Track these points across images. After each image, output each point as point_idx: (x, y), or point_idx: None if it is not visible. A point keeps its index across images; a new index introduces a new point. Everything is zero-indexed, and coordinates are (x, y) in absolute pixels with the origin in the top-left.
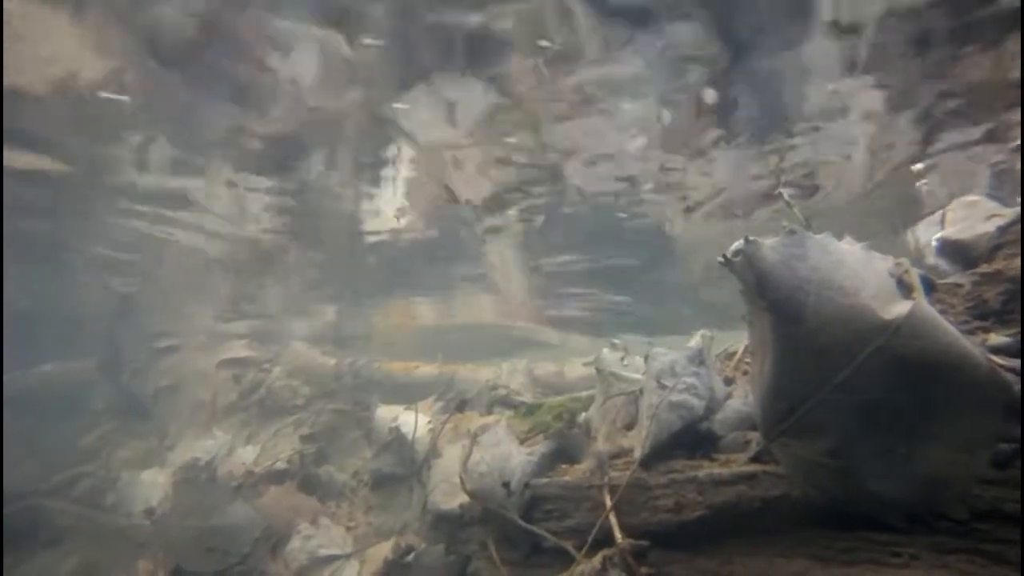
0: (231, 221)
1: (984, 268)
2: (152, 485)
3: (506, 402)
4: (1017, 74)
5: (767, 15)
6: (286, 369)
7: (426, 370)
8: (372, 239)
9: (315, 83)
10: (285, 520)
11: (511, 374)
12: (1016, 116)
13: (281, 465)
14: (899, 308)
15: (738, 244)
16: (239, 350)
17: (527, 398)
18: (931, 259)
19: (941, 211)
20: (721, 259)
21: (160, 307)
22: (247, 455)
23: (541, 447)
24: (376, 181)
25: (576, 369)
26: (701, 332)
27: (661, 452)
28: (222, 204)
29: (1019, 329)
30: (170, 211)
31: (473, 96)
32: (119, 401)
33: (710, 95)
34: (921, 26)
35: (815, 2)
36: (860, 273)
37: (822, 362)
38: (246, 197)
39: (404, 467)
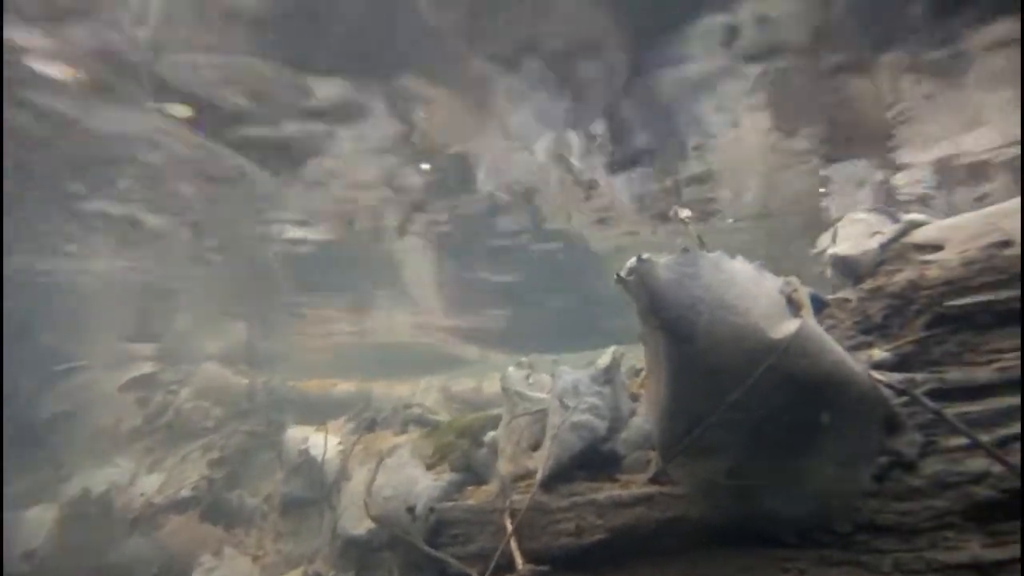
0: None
1: (869, 284)
2: (38, 523)
3: (420, 420)
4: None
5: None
6: (196, 390)
7: (343, 388)
8: (282, 250)
9: None
10: (187, 552)
11: (426, 391)
12: (894, 142)
13: (186, 493)
14: (788, 327)
15: (632, 262)
16: (145, 370)
17: (441, 416)
18: (828, 273)
19: (833, 227)
20: (615, 277)
21: (59, 327)
22: (151, 483)
23: (448, 474)
24: (287, 197)
25: (495, 385)
26: (613, 348)
27: (562, 474)
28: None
29: (898, 344)
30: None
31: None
32: (9, 429)
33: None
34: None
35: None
36: (752, 292)
37: (715, 382)
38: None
39: (314, 491)
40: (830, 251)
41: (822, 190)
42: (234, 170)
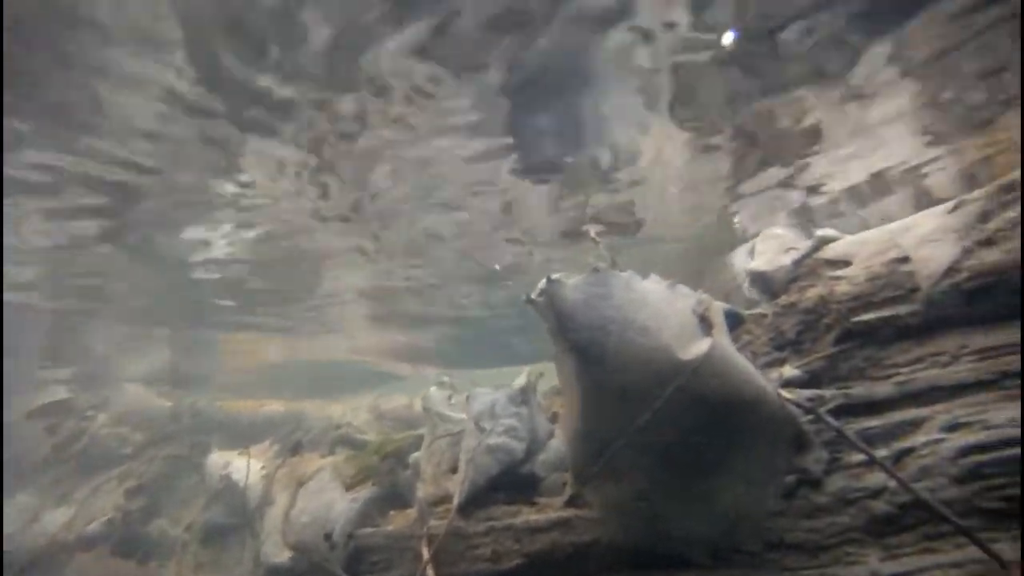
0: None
1: (783, 299)
2: None
3: (348, 441)
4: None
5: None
6: (114, 415)
7: (273, 408)
8: (202, 272)
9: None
10: None
11: (355, 411)
12: (805, 158)
13: (97, 527)
14: (698, 347)
15: (542, 283)
16: (58, 395)
17: (370, 436)
18: (745, 289)
19: (751, 242)
20: (524, 298)
21: None
22: (58, 518)
23: (365, 492)
24: (206, 215)
25: None
26: (528, 369)
27: (479, 498)
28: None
29: (809, 359)
30: None
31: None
32: None
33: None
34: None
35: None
36: (663, 312)
37: (625, 404)
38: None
39: (236, 517)
40: (748, 267)
41: (733, 208)
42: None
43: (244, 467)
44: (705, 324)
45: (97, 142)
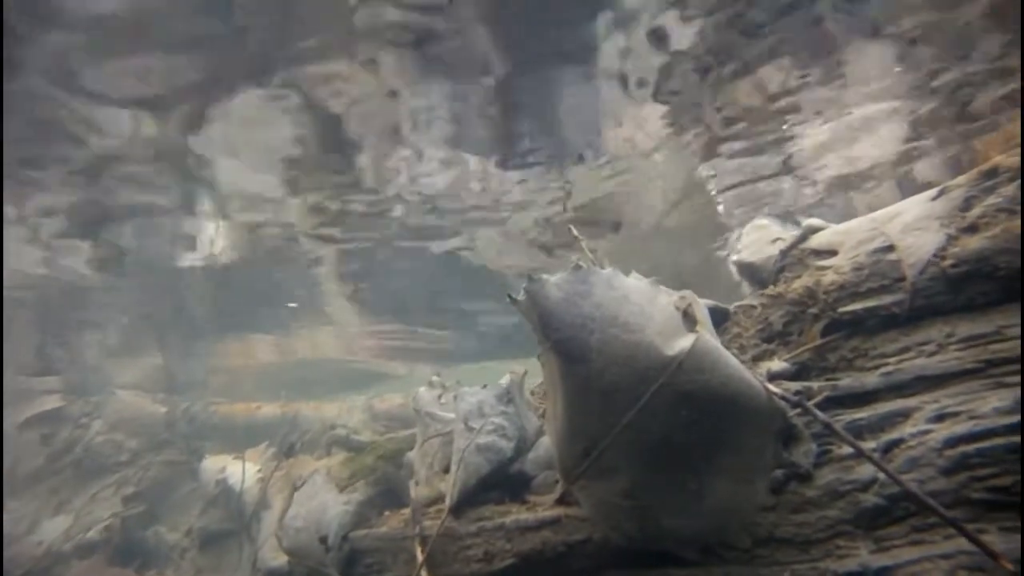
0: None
1: (770, 291)
2: None
3: (343, 442)
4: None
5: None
6: (109, 422)
7: (268, 410)
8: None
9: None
10: None
11: (350, 411)
12: (788, 146)
13: (95, 535)
14: (682, 343)
15: (526, 283)
16: (49, 404)
17: (365, 436)
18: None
19: (736, 233)
20: (508, 298)
21: None
22: (55, 528)
23: (358, 494)
24: (190, 214)
25: None
26: (511, 370)
27: (470, 498)
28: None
29: (797, 351)
30: None
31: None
32: None
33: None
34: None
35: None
36: (645, 308)
37: (610, 402)
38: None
39: (234, 522)
40: (735, 258)
41: (718, 198)
42: None
43: (239, 471)
44: (688, 320)
45: None
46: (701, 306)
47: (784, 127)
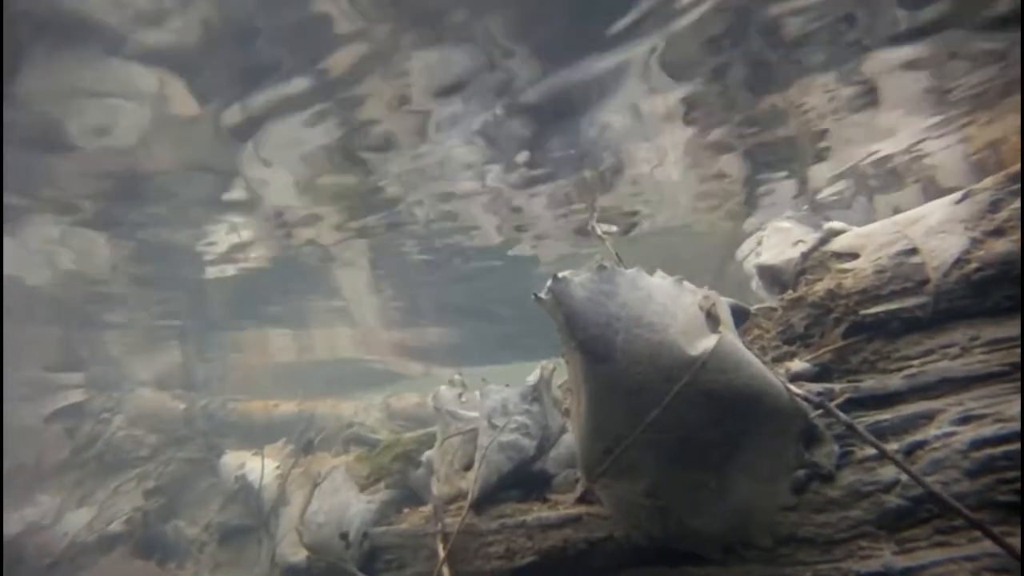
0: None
1: (791, 293)
2: None
3: (360, 440)
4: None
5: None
6: (129, 417)
7: (286, 408)
8: (215, 272)
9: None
10: None
11: (367, 410)
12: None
13: (117, 527)
14: (706, 343)
15: (550, 282)
16: (73, 398)
17: (382, 435)
18: (753, 283)
19: (755, 236)
20: (533, 297)
21: None
22: (79, 519)
23: (381, 494)
24: (217, 215)
25: None
26: (542, 363)
27: (492, 495)
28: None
29: (819, 353)
30: None
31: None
32: None
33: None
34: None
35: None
36: (669, 308)
37: (633, 401)
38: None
39: (252, 518)
40: (755, 261)
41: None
42: None
43: (258, 467)
44: (711, 320)
45: None
46: (724, 306)
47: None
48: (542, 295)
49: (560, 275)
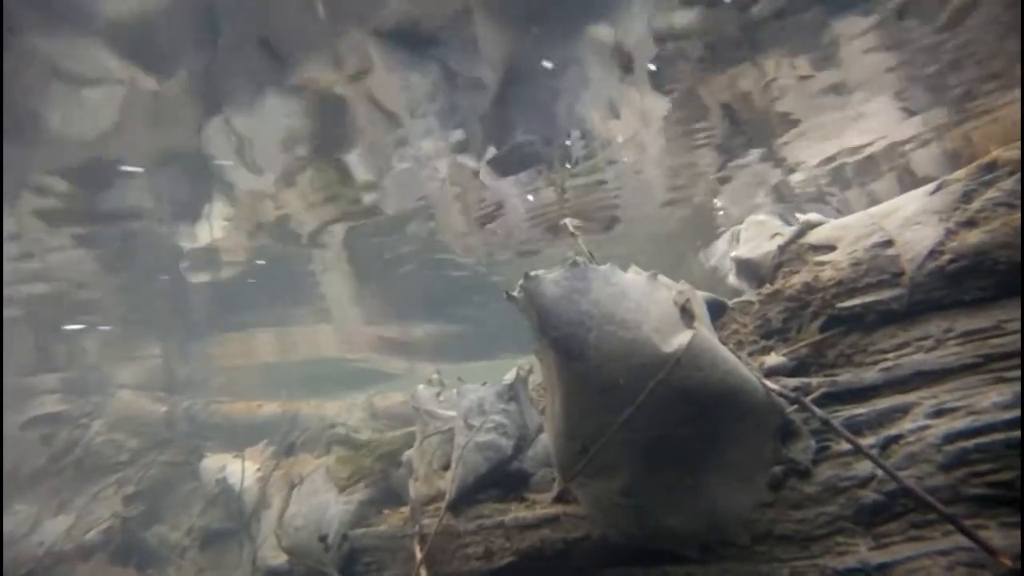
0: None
1: (768, 287)
2: None
3: (343, 440)
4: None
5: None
6: (109, 422)
7: (269, 409)
8: (196, 275)
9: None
10: None
11: (350, 409)
12: (785, 138)
13: (96, 535)
14: (680, 339)
15: (522, 279)
16: (50, 405)
17: (365, 434)
18: (731, 277)
19: (732, 230)
20: (505, 295)
21: None
22: (57, 527)
23: (359, 494)
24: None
25: None
26: (519, 363)
27: (469, 496)
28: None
29: (795, 347)
30: None
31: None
32: None
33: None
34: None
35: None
36: (643, 305)
37: (607, 399)
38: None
39: (234, 521)
40: (733, 254)
41: (716, 202)
42: None
43: (239, 470)
44: (686, 315)
45: None
46: (699, 301)
47: (786, 120)
48: (515, 293)
49: (532, 273)
